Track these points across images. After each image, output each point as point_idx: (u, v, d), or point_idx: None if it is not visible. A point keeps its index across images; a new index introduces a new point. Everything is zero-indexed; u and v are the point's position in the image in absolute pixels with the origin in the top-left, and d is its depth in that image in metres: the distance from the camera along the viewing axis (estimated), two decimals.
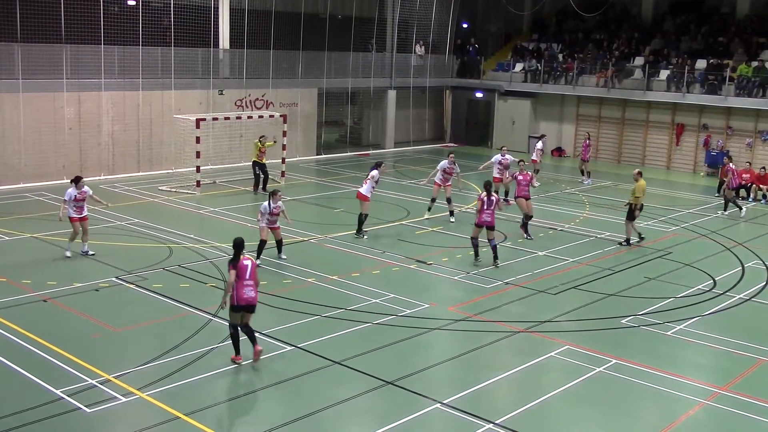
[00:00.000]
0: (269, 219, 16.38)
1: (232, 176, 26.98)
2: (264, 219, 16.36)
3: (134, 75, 26.63)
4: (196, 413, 9.97)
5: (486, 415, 10.20)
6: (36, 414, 9.78)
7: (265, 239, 16.43)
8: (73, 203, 16.52)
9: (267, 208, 16.24)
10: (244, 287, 11.24)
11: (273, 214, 16.35)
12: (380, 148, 35.78)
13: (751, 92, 30.30)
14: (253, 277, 11.35)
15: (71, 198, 16.49)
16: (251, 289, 11.32)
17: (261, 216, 16.40)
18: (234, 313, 11.38)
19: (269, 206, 16.22)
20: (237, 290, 11.22)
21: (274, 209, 16.30)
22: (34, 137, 24.54)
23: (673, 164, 32.84)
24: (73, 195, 16.51)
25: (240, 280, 11.22)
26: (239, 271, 11.21)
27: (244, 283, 11.24)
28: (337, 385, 10.99)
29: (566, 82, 35.34)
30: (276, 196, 16.31)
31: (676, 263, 17.93)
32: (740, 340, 13.21)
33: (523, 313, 14.22)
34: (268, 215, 16.30)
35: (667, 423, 10.27)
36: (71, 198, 16.49)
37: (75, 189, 16.55)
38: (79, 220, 16.60)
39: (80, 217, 16.59)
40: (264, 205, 16.33)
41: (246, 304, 11.31)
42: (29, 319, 13.05)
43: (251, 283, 11.33)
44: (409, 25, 36.47)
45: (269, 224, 16.46)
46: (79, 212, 16.58)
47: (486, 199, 16.87)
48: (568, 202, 24.81)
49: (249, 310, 11.43)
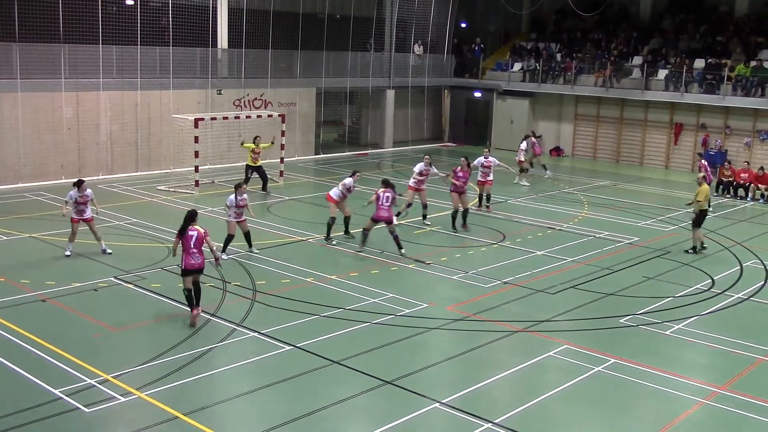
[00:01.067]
0: (236, 212, 16.82)
1: (231, 176, 26.94)
2: (231, 213, 16.78)
3: (133, 75, 26.61)
4: (195, 413, 9.97)
5: (485, 414, 10.21)
6: (35, 414, 9.77)
7: (233, 233, 16.85)
8: (74, 205, 16.59)
9: (233, 201, 16.65)
10: (189, 255, 12.87)
11: (239, 207, 16.76)
12: (379, 148, 35.77)
13: (749, 92, 30.33)
14: (198, 246, 12.90)
15: (72, 199, 16.56)
16: (197, 256, 12.89)
17: (228, 209, 16.80)
18: (184, 277, 12.97)
19: (235, 199, 16.64)
20: (184, 258, 12.89)
21: (240, 202, 16.71)
22: (33, 137, 24.51)
23: (671, 164, 32.86)
24: (74, 197, 16.57)
25: (186, 248, 12.87)
26: (185, 241, 12.90)
27: (190, 252, 12.85)
28: (336, 384, 10.99)
29: (565, 81, 35.35)
30: (241, 189, 16.78)
31: (675, 262, 17.94)
32: (739, 340, 13.22)
33: (521, 313, 14.23)
34: (234, 208, 16.71)
35: (665, 422, 10.27)
36: (72, 199, 16.56)
37: (77, 192, 16.58)
38: (79, 222, 16.68)
39: (81, 219, 16.66)
40: (230, 198, 16.74)
41: (192, 269, 12.92)
42: (28, 318, 13.04)
43: (196, 251, 12.88)
44: (407, 25, 36.46)
45: (236, 218, 16.86)
46: (80, 214, 16.64)
47: (382, 195, 17.49)
48: (567, 201, 24.82)
49: (197, 273, 13.07)
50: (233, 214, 16.81)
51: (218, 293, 14.64)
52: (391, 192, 17.66)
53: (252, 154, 24.17)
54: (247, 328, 12.94)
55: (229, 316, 13.40)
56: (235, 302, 14.19)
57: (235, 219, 16.86)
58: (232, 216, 16.83)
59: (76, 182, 16.91)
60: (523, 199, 24.82)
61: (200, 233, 12.97)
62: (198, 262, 12.92)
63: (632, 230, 20.89)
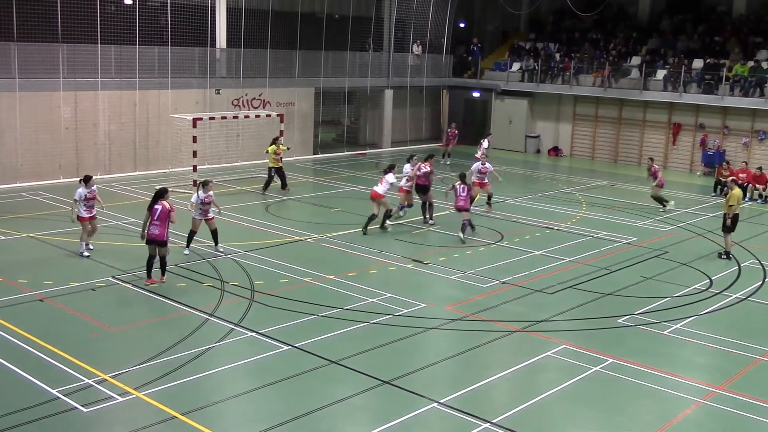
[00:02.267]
0: (201, 209, 16.86)
1: (229, 176, 26.96)
2: (196, 210, 16.84)
3: (131, 74, 26.60)
4: (193, 413, 9.97)
5: (483, 414, 10.21)
6: (32, 414, 9.76)
7: (195, 230, 17.01)
8: (84, 202, 16.37)
9: (198, 199, 16.75)
10: (151, 225, 14.39)
11: (204, 203, 16.81)
12: (377, 148, 35.77)
13: (747, 92, 30.35)
14: (162, 218, 14.32)
15: (81, 198, 16.32)
16: (156, 228, 14.34)
17: (193, 207, 16.88)
18: (147, 245, 14.60)
19: (199, 197, 16.74)
20: (148, 228, 14.39)
21: (205, 198, 16.77)
22: (31, 136, 24.50)
23: (669, 164, 32.87)
24: (83, 194, 16.33)
25: (150, 220, 14.36)
26: (151, 213, 14.36)
27: (152, 223, 14.35)
28: (334, 384, 10.99)
29: (563, 81, 35.35)
30: (207, 186, 16.87)
31: (673, 263, 17.95)
32: (736, 340, 13.24)
33: (520, 313, 14.23)
34: (200, 205, 16.78)
35: (663, 422, 10.28)
36: (81, 198, 16.32)
37: (85, 188, 16.40)
38: (89, 219, 16.54)
39: (90, 216, 16.52)
40: (195, 195, 16.91)
41: (151, 239, 14.43)
42: (25, 318, 13.03)
43: (158, 223, 14.33)
44: (406, 25, 36.45)
45: (202, 215, 16.92)
46: (90, 211, 16.48)
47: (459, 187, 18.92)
48: (565, 201, 24.83)
49: (156, 244, 14.49)
50: (198, 211, 16.85)
51: (216, 293, 14.64)
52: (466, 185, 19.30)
53: (274, 156, 24.11)
54: (246, 327, 12.93)
55: (227, 316, 13.40)
56: (233, 302, 14.19)
57: (200, 216, 16.89)
58: (196, 213, 16.86)
59: (83, 178, 16.70)
60: (521, 199, 24.83)
61: (165, 208, 14.30)
62: (156, 233, 14.37)
63: (630, 230, 20.90)
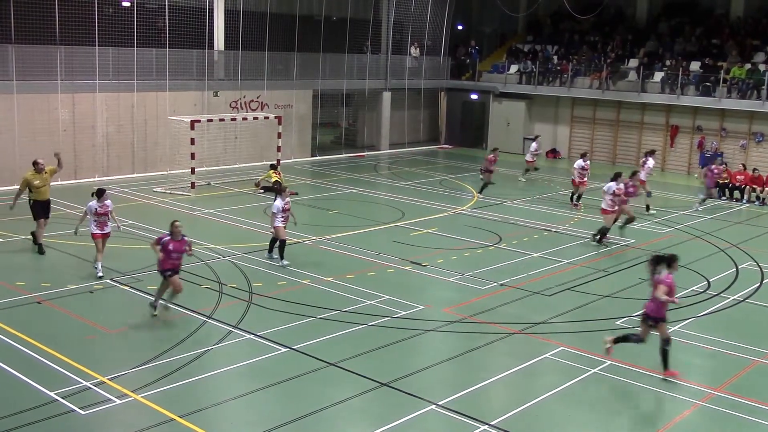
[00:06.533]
0: (282, 216, 16.60)
1: (227, 178, 26.96)
2: (277, 218, 16.51)
3: (129, 76, 26.60)
4: (191, 415, 9.95)
5: (481, 416, 10.21)
6: (30, 416, 9.74)
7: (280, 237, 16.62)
8: (94, 217, 15.24)
9: (279, 207, 16.50)
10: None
11: (285, 210, 16.60)
12: (375, 150, 35.79)
13: (744, 94, 30.40)
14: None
15: (91, 212, 15.19)
16: None
17: (273, 215, 16.59)
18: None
19: (279, 205, 16.49)
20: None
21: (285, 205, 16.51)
22: (29, 139, 24.47)
23: (667, 166, 32.92)
24: (94, 208, 15.17)
25: None
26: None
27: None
28: (332, 386, 10.98)
29: (561, 83, 35.41)
30: (285, 193, 16.86)
31: None
32: (734, 342, 13.24)
33: (518, 315, 14.23)
34: (281, 212, 16.53)
35: (661, 424, 10.29)
36: (91, 212, 15.19)
37: (97, 202, 15.23)
38: (101, 237, 15.34)
39: (103, 234, 15.33)
40: (275, 204, 16.65)
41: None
42: (23, 320, 13.01)
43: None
44: (404, 27, 36.49)
45: (283, 222, 16.65)
46: (101, 227, 15.28)
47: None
48: (563, 203, 24.84)
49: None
50: (280, 218, 16.53)
51: (215, 295, 14.63)
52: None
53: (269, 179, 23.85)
54: (244, 330, 12.92)
55: (225, 318, 13.39)
56: (231, 304, 14.18)
57: (282, 224, 16.59)
58: (279, 221, 16.54)
59: (96, 192, 15.42)
60: (518, 201, 24.84)
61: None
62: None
63: (628, 232, 20.87)
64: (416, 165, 32.03)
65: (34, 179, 17.28)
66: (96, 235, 15.33)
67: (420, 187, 26.69)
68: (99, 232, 15.32)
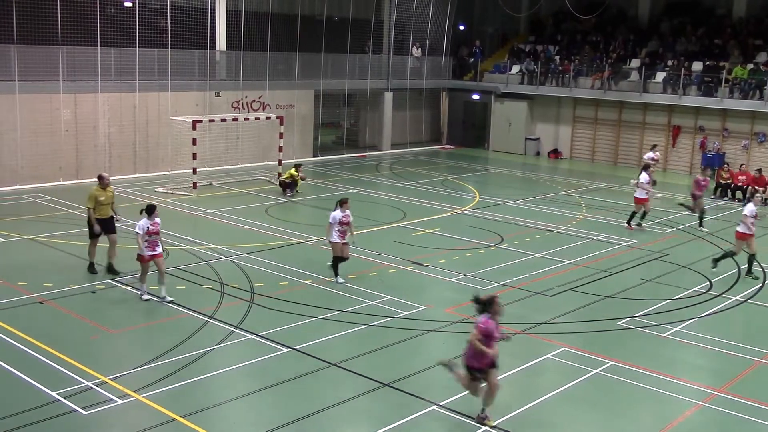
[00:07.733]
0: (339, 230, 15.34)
1: (229, 178, 26.97)
2: (334, 232, 15.25)
3: (131, 77, 26.61)
4: (193, 415, 9.95)
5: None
6: (32, 416, 9.75)
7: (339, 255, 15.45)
8: (146, 236, 13.79)
9: (336, 219, 15.22)
10: None
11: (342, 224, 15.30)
12: (377, 150, 35.78)
13: (747, 94, 30.37)
14: None
15: (143, 231, 13.78)
16: None
17: (330, 228, 15.30)
18: None
19: (336, 217, 15.23)
20: None
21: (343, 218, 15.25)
22: (31, 139, 24.50)
23: (669, 166, 32.89)
24: (145, 227, 13.79)
25: None
26: None
27: None
28: (334, 387, 10.98)
29: (563, 84, 35.38)
30: (345, 205, 15.43)
31: (673, 265, 17.94)
32: (736, 342, 13.22)
33: (519, 315, 14.21)
34: (337, 225, 15.24)
35: (663, 425, 10.27)
36: (143, 231, 13.78)
37: (147, 220, 13.85)
38: (152, 258, 13.91)
39: (153, 255, 13.88)
40: (332, 215, 15.36)
41: None
42: (25, 320, 13.02)
43: None
44: (405, 27, 36.48)
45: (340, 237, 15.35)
46: (152, 248, 13.85)
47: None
48: (565, 203, 24.83)
49: None
50: (336, 233, 15.22)
51: (216, 295, 14.63)
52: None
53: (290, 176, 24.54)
54: (245, 330, 12.92)
55: (226, 319, 13.39)
56: (232, 304, 14.18)
57: (338, 239, 15.27)
58: (334, 236, 15.23)
59: (146, 208, 13.97)
60: (520, 201, 24.82)
61: None
62: None
63: (630, 233, 20.89)
64: (418, 165, 32.02)
65: (99, 195, 15.66)
66: (145, 259, 13.85)
67: (421, 188, 26.69)
68: (149, 253, 13.83)
